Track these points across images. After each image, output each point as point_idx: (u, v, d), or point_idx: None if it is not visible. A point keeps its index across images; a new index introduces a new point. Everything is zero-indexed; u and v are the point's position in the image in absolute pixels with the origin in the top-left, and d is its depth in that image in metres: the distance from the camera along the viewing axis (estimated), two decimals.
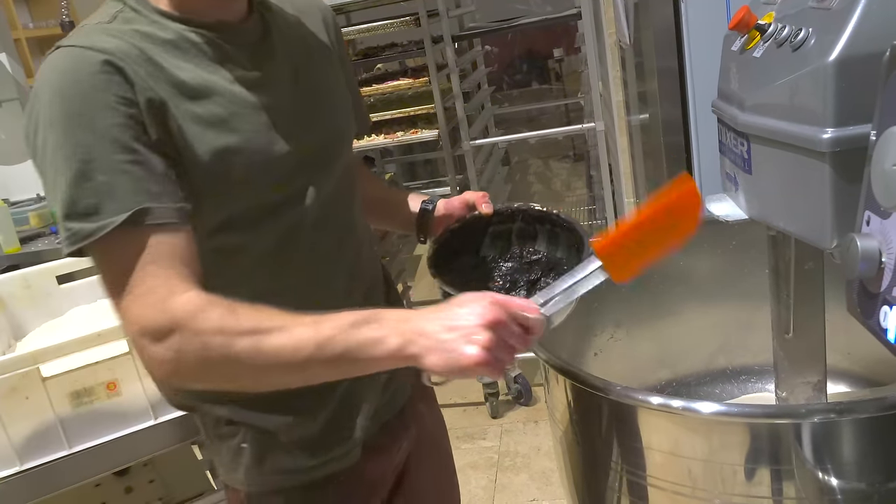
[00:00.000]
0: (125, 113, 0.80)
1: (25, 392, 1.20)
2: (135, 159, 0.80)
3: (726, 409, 0.82)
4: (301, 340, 0.78)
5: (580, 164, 5.33)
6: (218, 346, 0.78)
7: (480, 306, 0.76)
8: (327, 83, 1.05)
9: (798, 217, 0.80)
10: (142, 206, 0.79)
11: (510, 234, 1.09)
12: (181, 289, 0.79)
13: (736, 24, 0.85)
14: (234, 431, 1.01)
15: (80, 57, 0.81)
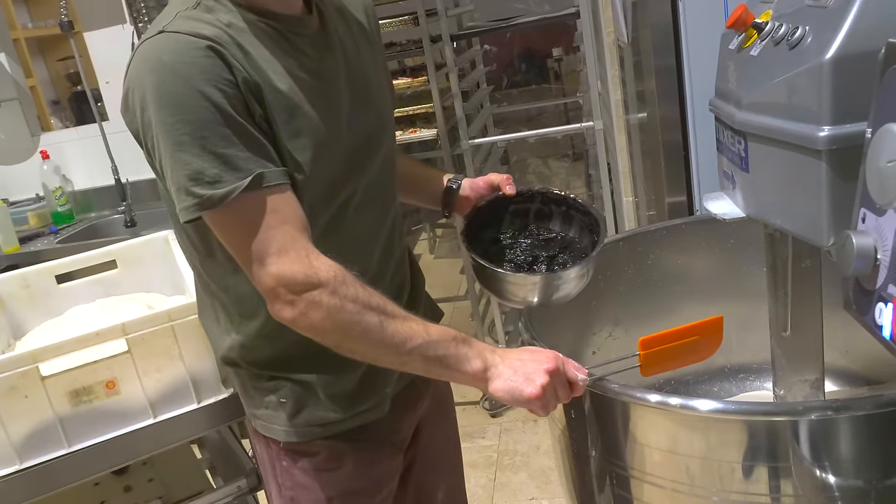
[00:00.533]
0: (230, 93, 0.89)
1: (24, 391, 1.20)
2: (243, 132, 0.90)
3: (723, 407, 0.82)
4: (416, 334, 0.92)
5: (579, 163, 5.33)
6: (350, 311, 0.90)
7: (546, 358, 0.93)
8: (373, 73, 1.12)
9: (795, 215, 0.80)
10: (259, 171, 0.89)
11: (528, 213, 1.20)
12: (316, 253, 0.91)
13: (733, 22, 0.85)
14: (275, 386, 1.08)
15: (185, 42, 0.89)
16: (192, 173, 0.89)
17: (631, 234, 1.36)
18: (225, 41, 0.91)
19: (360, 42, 1.11)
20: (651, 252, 1.30)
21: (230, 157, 0.89)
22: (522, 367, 0.92)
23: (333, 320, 0.91)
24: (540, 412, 0.93)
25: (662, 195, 1.52)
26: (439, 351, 0.93)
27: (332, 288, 0.90)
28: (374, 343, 0.92)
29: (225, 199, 0.89)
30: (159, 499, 1.55)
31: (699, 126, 1.41)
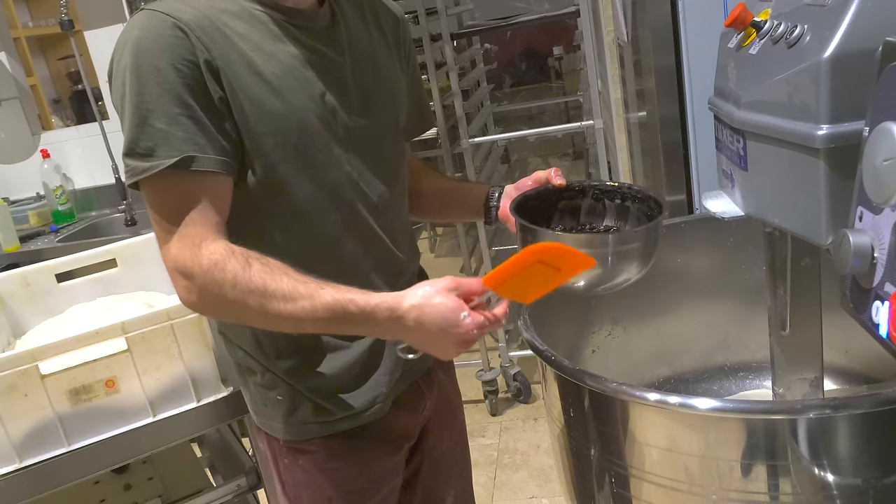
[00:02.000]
0: (187, 73, 0.92)
1: (24, 390, 1.20)
2: (189, 114, 0.92)
3: (722, 405, 0.82)
4: (300, 315, 0.92)
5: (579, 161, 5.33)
6: (231, 296, 0.92)
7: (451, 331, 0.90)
8: (386, 80, 1.13)
9: (793, 213, 0.80)
10: (188, 154, 0.92)
11: (579, 210, 1.12)
12: (211, 238, 0.93)
13: (732, 21, 0.85)
14: (271, 383, 1.10)
15: (157, 19, 0.93)
16: (130, 142, 0.92)
17: None
18: (200, 24, 0.94)
19: (379, 51, 1.13)
20: None
21: (168, 134, 0.91)
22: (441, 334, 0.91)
23: (215, 305, 0.94)
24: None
25: (662, 194, 1.52)
26: (331, 327, 0.94)
27: (211, 275, 0.91)
28: (263, 321, 0.95)
29: (146, 172, 0.92)
30: (159, 497, 1.55)
31: (698, 125, 1.41)
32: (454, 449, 1.34)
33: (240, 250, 0.93)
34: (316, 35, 1.04)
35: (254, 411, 1.15)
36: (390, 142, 1.14)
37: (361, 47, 1.10)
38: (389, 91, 1.14)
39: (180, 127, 0.92)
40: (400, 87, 1.18)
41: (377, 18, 1.16)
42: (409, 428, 1.20)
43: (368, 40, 1.13)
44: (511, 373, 2.86)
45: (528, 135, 2.62)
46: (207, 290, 0.92)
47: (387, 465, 1.17)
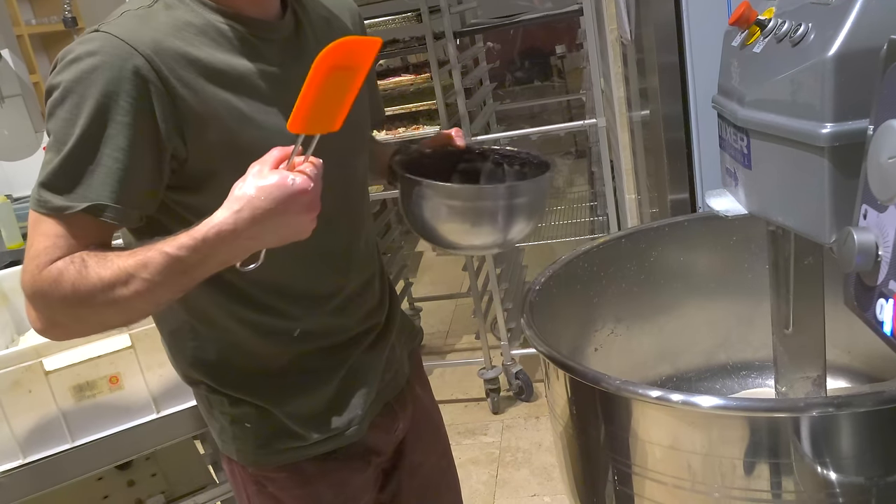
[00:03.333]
0: (130, 111, 0.85)
1: (28, 386, 1.20)
2: (121, 157, 0.85)
3: (725, 403, 0.82)
4: (146, 288, 0.84)
5: (582, 160, 5.33)
6: (78, 305, 0.85)
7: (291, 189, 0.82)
8: None
9: (797, 212, 0.80)
10: (101, 203, 0.85)
11: (478, 173, 1.09)
12: (55, 256, 0.86)
13: (736, 19, 0.85)
14: (239, 412, 1.05)
15: (110, 45, 0.85)
16: (52, 172, 0.85)
17: (633, 231, 1.36)
18: (160, 50, 0.87)
19: None
20: (653, 249, 1.30)
21: (91, 174, 0.85)
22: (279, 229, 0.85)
23: (72, 323, 0.89)
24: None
25: (665, 192, 1.52)
26: (182, 282, 0.86)
27: (51, 293, 0.85)
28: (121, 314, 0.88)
29: (60, 211, 0.85)
30: (162, 493, 1.56)
31: (702, 123, 1.41)
32: (440, 463, 1.32)
33: (78, 255, 0.86)
34: (283, 48, 0.99)
35: (220, 439, 1.11)
36: (361, 156, 1.10)
37: None
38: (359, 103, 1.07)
39: (106, 170, 0.85)
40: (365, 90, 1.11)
41: (337, 18, 1.11)
42: (380, 445, 1.18)
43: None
44: (513, 371, 2.86)
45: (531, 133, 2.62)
46: (55, 311, 0.87)
47: (359, 482, 1.15)
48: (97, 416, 1.26)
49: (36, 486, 1.24)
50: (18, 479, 1.22)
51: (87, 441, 1.26)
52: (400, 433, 1.21)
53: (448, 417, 2.94)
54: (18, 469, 1.22)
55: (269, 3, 0.98)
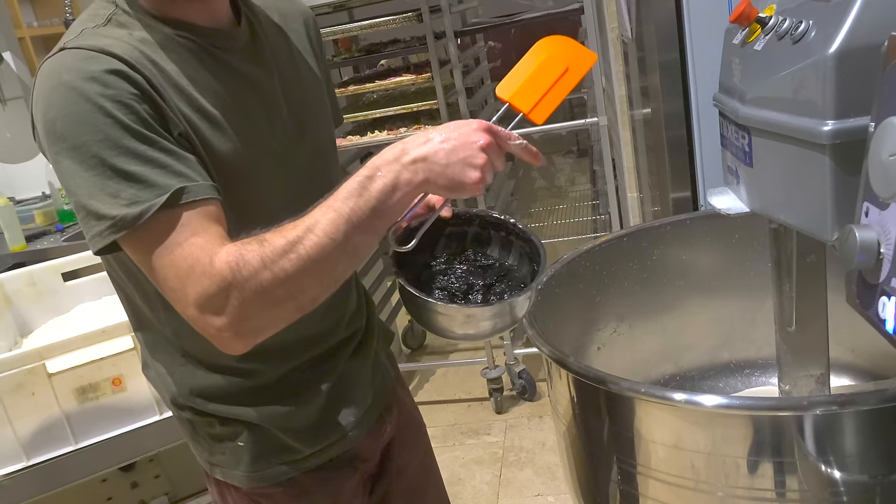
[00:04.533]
0: (137, 107, 0.82)
1: (31, 388, 1.21)
2: (159, 146, 0.82)
3: (728, 402, 0.82)
4: (331, 227, 0.81)
5: (584, 159, 5.33)
6: (270, 279, 0.80)
7: (474, 131, 0.84)
8: (313, 91, 1.06)
9: (799, 210, 0.80)
10: (177, 187, 0.81)
11: (465, 237, 1.10)
12: (217, 249, 0.81)
13: (737, 17, 0.85)
14: (229, 431, 1.03)
15: (87, 57, 0.82)
16: (105, 195, 0.80)
17: (635, 229, 1.36)
18: (135, 57, 0.84)
19: (299, 60, 1.05)
20: (655, 248, 1.30)
21: (144, 175, 0.80)
22: (456, 151, 0.84)
23: (269, 300, 0.81)
24: (480, 191, 0.87)
25: (667, 191, 1.52)
26: (364, 214, 0.82)
27: (238, 278, 0.79)
28: (314, 274, 0.83)
29: (140, 218, 0.80)
30: (165, 495, 1.56)
31: (703, 121, 1.41)
32: (423, 462, 1.31)
33: (249, 239, 0.82)
34: (242, 57, 0.96)
35: (208, 463, 1.08)
36: (332, 160, 1.08)
37: (284, 60, 1.02)
38: (317, 104, 1.07)
39: (155, 163, 0.81)
40: (325, 96, 1.11)
41: (286, 21, 1.07)
42: (367, 452, 1.17)
43: (287, 50, 1.04)
44: (516, 370, 2.86)
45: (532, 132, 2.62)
46: (245, 301, 0.80)
47: (350, 488, 1.14)
48: (100, 418, 1.26)
49: (39, 489, 1.24)
50: (22, 481, 1.22)
51: (91, 443, 1.26)
52: (387, 437, 1.20)
53: (451, 417, 2.94)
54: (22, 471, 1.22)
55: (220, 11, 0.95)
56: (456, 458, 2.64)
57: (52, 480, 1.24)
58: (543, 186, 5.12)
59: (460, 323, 0.97)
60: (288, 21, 1.07)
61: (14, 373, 1.19)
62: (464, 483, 2.49)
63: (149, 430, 1.30)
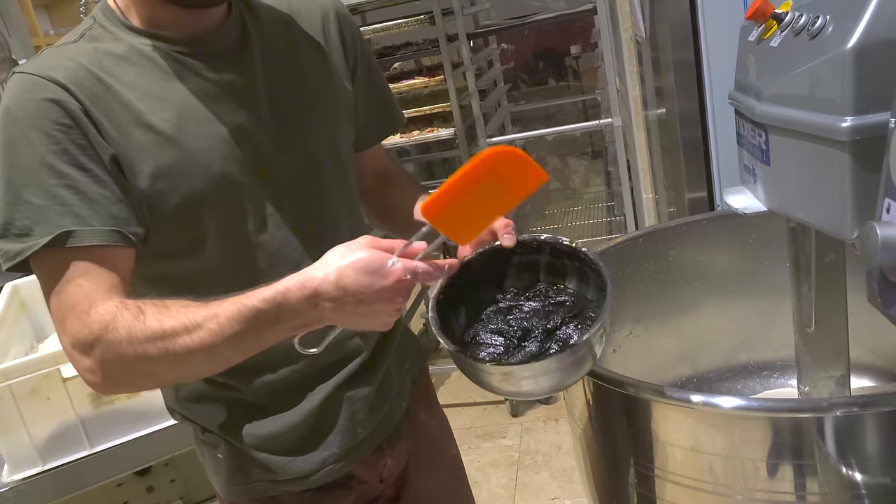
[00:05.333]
0: (63, 139, 0.82)
1: (47, 393, 1.21)
2: (67, 184, 0.82)
3: (747, 404, 0.81)
4: (209, 339, 0.79)
5: (598, 160, 5.31)
6: (131, 354, 0.80)
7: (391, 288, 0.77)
8: (315, 95, 1.00)
9: (818, 208, 0.79)
10: (66, 230, 0.81)
11: (537, 267, 0.97)
12: (100, 301, 0.82)
13: (753, 13, 0.84)
14: (212, 440, 1.02)
15: (27, 83, 0.84)
16: (4, 222, 0.82)
17: (651, 230, 1.35)
18: (78, 80, 0.84)
19: (304, 57, 1.00)
20: (671, 248, 1.29)
21: (44, 209, 0.81)
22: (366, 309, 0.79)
23: (120, 373, 0.83)
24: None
25: (682, 191, 1.50)
26: (247, 342, 0.80)
27: (105, 337, 0.80)
28: (176, 369, 0.83)
29: (19, 256, 0.82)
30: (181, 499, 1.56)
31: (719, 120, 1.40)
32: (448, 488, 1.24)
33: (132, 302, 0.82)
34: (219, 60, 0.92)
35: (203, 463, 1.08)
36: (327, 167, 1.01)
37: (282, 62, 0.98)
38: (320, 107, 1.00)
39: (57, 200, 0.82)
40: (338, 98, 1.04)
41: (299, 15, 1.02)
42: (363, 475, 1.09)
43: (290, 50, 0.99)
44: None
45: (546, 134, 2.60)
46: (107, 360, 0.81)
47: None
48: (115, 423, 1.26)
49: (55, 493, 1.24)
50: (38, 486, 1.23)
51: (106, 447, 1.27)
52: (392, 468, 1.12)
53: (467, 421, 2.93)
54: (38, 476, 1.23)
55: (202, 21, 0.93)
56: (471, 461, 2.63)
57: (67, 485, 1.25)
58: (558, 188, 5.10)
59: (499, 380, 0.85)
60: (301, 17, 1.02)
61: (29, 377, 1.19)
62: (479, 487, 2.48)
63: (164, 434, 1.30)
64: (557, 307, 0.93)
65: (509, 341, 0.89)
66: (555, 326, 0.90)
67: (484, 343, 0.90)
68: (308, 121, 0.99)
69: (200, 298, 0.83)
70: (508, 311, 0.93)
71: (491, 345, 0.89)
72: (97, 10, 0.93)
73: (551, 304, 0.93)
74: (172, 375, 0.87)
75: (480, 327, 0.91)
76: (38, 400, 1.20)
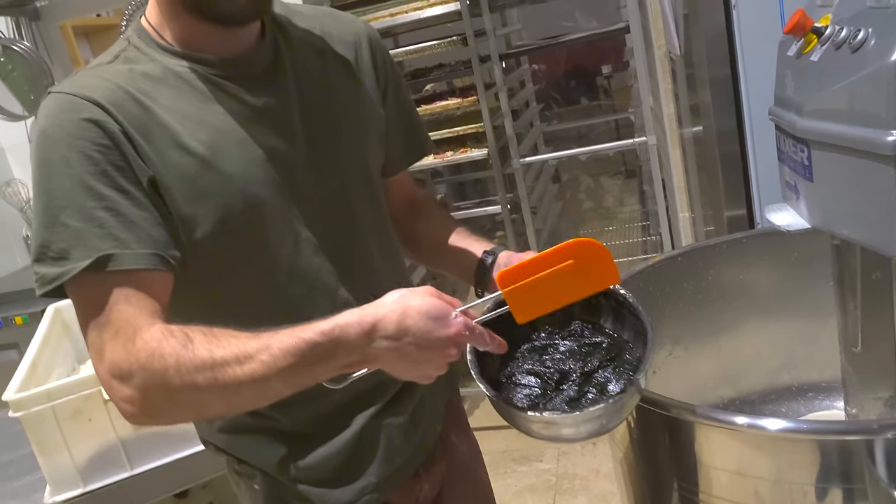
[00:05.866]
0: (102, 160, 0.81)
1: (88, 414, 1.22)
2: (106, 206, 0.81)
3: (793, 426, 0.79)
4: (260, 371, 0.77)
5: (632, 180, 5.28)
6: (178, 383, 0.78)
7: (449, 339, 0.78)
8: (348, 117, 1.00)
9: (864, 224, 0.77)
10: (105, 253, 0.80)
11: (599, 308, 0.95)
12: (145, 326, 0.79)
13: (791, 27, 0.83)
14: (248, 472, 1.01)
15: (65, 104, 0.83)
16: (41, 246, 0.81)
17: (690, 249, 1.33)
18: (116, 101, 0.84)
19: (337, 81, 1.00)
20: (711, 267, 1.27)
21: (83, 232, 0.80)
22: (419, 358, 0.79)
23: (164, 404, 0.80)
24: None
25: (721, 209, 1.48)
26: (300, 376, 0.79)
27: (150, 366, 0.78)
28: (222, 401, 0.80)
29: (56, 281, 0.80)
30: None
31: (757, 136, 1.38)
32: None
33: (178, 329, 0.80)
34: (255, 83, 0.92)
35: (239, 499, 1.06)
36: (359, 190, 1.00)
37: (314, 85, 0.97)
38: (352, 130, 1.00)
39: (96, 222, 0.80)
40: (369, 121, 1.03)
41: (333, 42, 1.02)
42: (402, 499, 1.07)
43: (322, 74, 0.99)
44: None
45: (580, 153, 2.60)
46: (150, 389, 0.78)
47: None
48: (155, 444, 1.27)
49: None
50: None
51: (146, 469, 1.27)
52: (428, 493, 1.10)
53: (503, 444, 2.90)
54: (79, 497, 1.24)
55: (237, 42, 0.92)
56: (508, 485, 2.60)
57: None
58: (591, 208, 5.08)
59: (539, 427, 0.84)
60: (333, 41, 1.02)
61: (72, 399, 1.21)
62: None
63: (202, 457, 1.30)
64: (594, 348, 0.91)
65: (546, 383, 0.87)
66: (592, 369, 0.88)
67: (520, 384, 0.88)
68: (340, 143, 0.99)
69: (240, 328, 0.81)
70: (543, 350, 0.92)
71: (527, 386, 0.87)
72: (131, 32, 0.93)
73: (587, 344, 0.91)
74: (218, 407, 0.85)
75: (516, 367, 0.90)
76: (80, 421, 1.22)
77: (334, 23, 1.05)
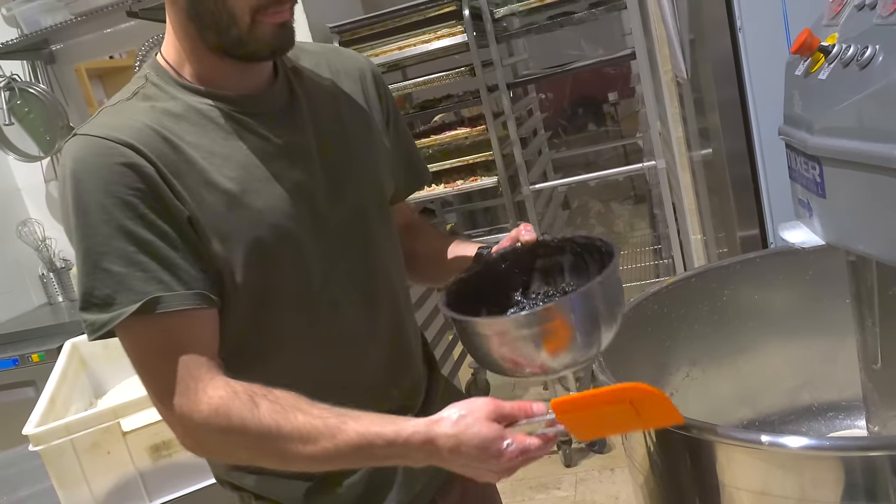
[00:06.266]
0: (139, 204, 0.82)
1: (107, 447, 1.23)
2: (147, 250, 0.82)
3: (816, 443, 0.78)
4: (322, 456, 0.81)
5: (641, 205, 5.28)
6: (241, 442, 0.82)
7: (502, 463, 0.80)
8: (361, 150, 1.02)
9: (878, 239, 0.77)
10: (152, 296, 0.81)
11: (562, 269, 0.96)
12: (206, 379, 0.83)
13: (798, 47, 0.83)
14: None
15: (96, 147, 0.83)
16: (86, 293, 0.82)
17: (703, 269, 1.33)
18: (146, 141, 0.84)
19: (348, 117, 1.02)
20: (725, 288, 1.27)
21: (126, 277, 0.81)
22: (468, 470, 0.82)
23: (220, 451, 0.87)
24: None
25: (733, 230, 1.49)
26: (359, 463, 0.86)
27: (214, 423, 0.82)
28: (279, 463, 0.85)
29: (106, 326, 0.82)
30: None
31: (768, 156, 1.38)
32: None
33: (242, 388, 0.83)
34: (273, 120, 0.93)
35: None
36: (375, 220, 1.03)
37: (328, 119, 0.99)
38: (366, 161, 1.02)
39: (139, 266, 0.82)
40: (379, 152, 1.06)
41: (339, 77, 1.04)
42: None
43: (334, 108, 1.01)
44: None
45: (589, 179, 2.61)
46: (209, 440, 0.84)
47: None
48: (173, 476, 1.27)
49: None
50: None
51: (164, 501, 1.27)
52: None
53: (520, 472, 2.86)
54: None
55: (255, 78, 0.94)
56: None
57: None
58: (602, 233, 5.08)
59: (497, 344, 0.83)
60: (341, 77, 1.04)
61: (90, 432, 1.21)
62: None
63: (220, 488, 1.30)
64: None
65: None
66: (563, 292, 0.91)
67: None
68: (356, 175, 1.00)
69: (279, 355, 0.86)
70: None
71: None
72: (148, 69, 0.94)
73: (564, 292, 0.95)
74: (268, 465, 0.88)
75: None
76: (99, 454, 1.22)
77: (339, 58, 1.07)
